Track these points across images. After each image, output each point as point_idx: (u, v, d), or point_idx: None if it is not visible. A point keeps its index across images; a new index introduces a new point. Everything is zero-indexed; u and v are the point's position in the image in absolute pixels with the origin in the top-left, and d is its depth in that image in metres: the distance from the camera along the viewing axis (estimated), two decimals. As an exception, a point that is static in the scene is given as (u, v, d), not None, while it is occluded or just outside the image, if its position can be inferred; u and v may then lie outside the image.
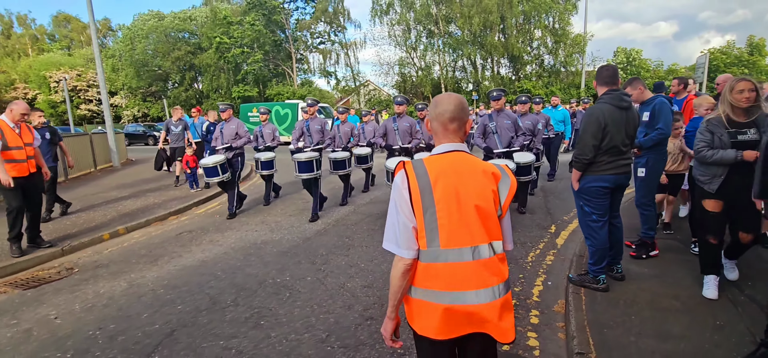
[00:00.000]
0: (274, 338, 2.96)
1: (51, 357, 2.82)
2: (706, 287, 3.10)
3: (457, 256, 1.43)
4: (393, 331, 1.61)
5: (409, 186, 1.45)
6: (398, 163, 1.55)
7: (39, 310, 3.56)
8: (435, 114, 1.54)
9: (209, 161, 6.21)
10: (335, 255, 4.60)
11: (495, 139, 5.53)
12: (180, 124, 9.13)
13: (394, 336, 1.63)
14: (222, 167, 6.22)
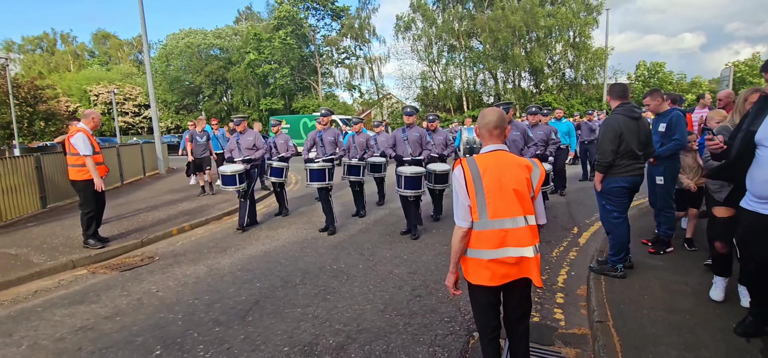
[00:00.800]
0: (341, 308, 3.59)
1: (166, 317, 3.52)
2: (714, 287, 3.25)
3: (500, 224, 2.03)
4: (454, 283, 2.20)
5: (464, 176, 2.07)
6: (456, 160, 2.18)
7: (141, 285, 4.31)
8: (483, 123, 2.17)
9: (227, 170, 6.21)
10: (380, 248, 5.24)
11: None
12: (204, 134, 9.37)
13: (455, 287, 2.22)
14: (240, 177, 6.22)
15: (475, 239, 2.07)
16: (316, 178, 6.07)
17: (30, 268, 4.81)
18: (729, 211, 3.07)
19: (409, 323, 3.28)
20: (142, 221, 7.07)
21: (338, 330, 3.20)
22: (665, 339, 2.77)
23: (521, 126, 5.43)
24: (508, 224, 2.03)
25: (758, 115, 2.46)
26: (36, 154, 7.79)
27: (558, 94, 28.02)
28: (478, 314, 2.22)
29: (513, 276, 2.07)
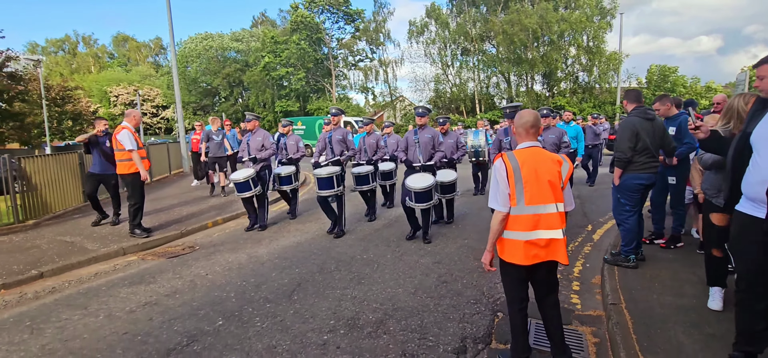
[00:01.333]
0: (376, 290, 3.97)
1: (220, 296, 3.94)
2: (712, 298, 3.23)
3: (534, 210, 2.39)
4: (490, 261, 2.55)
5: (505, 168, 2.42)
6: (497, 154, 2.54)
7: (191, 270, 4.75)
8: (520, 123, 2.53)
9: (240, 176, 6.17)
10: (405, 241, 5.61)
11: None
12: (220, 134, 9.38)
13: (491, 264, 2.57)
14: (253, 181, 6.22)
15: (512, 222, 2.41)
16: (325, 186, 5.83)
17: (87, 254, 5.30)
18: (725, 218, 3.00)
19: (439, 303, 3.64)
20: (176, 214, 7.55)
21: (376, 308, 3.57)
22: (673, 319, 3.09)
23: None
24: (541, 210, 2.37)
25: (754, 117, 2.44)
26: (79, 151, 8.35)
27: (571, 97, 28.09)
28: (509, 288, 2.57)
29: (541, 258, 2.40)
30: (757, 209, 2.30)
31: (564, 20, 26.16)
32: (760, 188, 2.25)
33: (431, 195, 5.31)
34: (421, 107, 5.94)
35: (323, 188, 5.85)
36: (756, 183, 2.29)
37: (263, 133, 6.62)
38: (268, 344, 3.01)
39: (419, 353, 2.88)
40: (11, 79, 11.21)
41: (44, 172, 7.25)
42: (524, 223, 2.38)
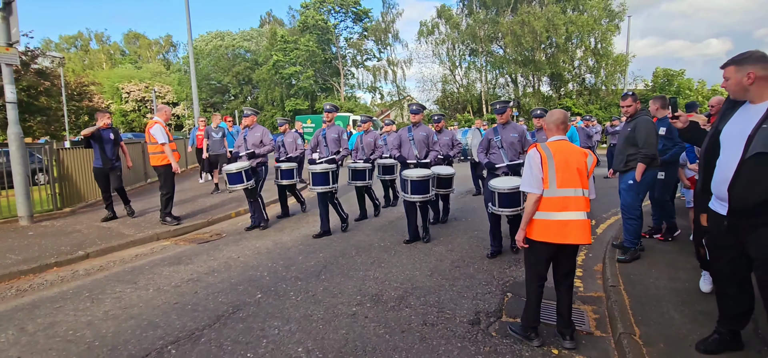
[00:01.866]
0: (395, 272, 4.35)
1: (254, 275, 4.35)
2: (703, 281, 3.54)
3: (565, 192, 2.72)
4: (523, 238, 2.84)
5: (540, 155, 2.76)
6: (531, 144, 2.88)
7: (223, 253, 5.16)
8: (551, 120, 2.87)
9: (233, 167, 5.95)
10: (419, 231, 5.98)
11: (500, 154, 4.93)
12: (220, 131, 9.22)
13: (523, 242, 2.87)
14: (246, 173, 6.00)
15: (544, 204, 2.72)
16: (320, 182, 5.73)
17: (125, 238, 5.73)
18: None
19: (454, 284, 4.02)
20: (200, 205, 7.98)
21: (397, 287, 3.95)
22: (666, 298, 3.44)
23: (520, 128, 5.04)
24: (570, 193, 2.71)
25: (724, 116, 2.47)
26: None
27: (577, 99, 28.29)
28: (533, 265, 2.88)
29: (567, 239, 2.70)
30: (722, 207, 2.36)
31: (572, 23, 26.37)
32: (722, 186, 2.30)
33: (428, 186, 5.23)
34: (415, 104, 5.82)
35: (318, 183, 5.72)
36: (720, 182, 2.34)
37: (262, 129, 6.40)
38: (304, 313, 3.40)
39: (438, 323, 3.26)
40: (39, 75, 11.75)
41: (77, 163, 7.71)
42: (555, 204, 2.70)
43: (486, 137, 5.15)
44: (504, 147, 4.92)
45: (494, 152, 4.99)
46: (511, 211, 4.43)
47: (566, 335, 2.89)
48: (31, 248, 5.21)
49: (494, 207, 4.46)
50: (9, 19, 5.74)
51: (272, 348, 2.89)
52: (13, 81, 6.16)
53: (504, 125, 4.97)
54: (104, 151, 6.52)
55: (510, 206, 4.42)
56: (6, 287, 4.17)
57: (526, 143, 4.94)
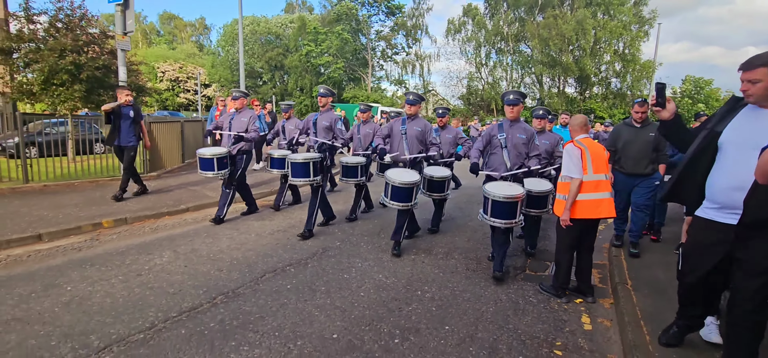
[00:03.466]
0: (438, 238, 5.43)
1: (288, 241, 5.49)
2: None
3: (597, 176, 3.66)
4: (568, 219, 3.71)
5: (579, 150, 3.70)
6: (567, 141, 3.79)
7: (294, 215, 6.33)
8: (576, 123, 3.81)
9: (206, 152, 5.39)
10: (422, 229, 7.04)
11: (503, 156, 4.18)
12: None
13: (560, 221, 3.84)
14: (219, 161, 5.40)
15: (584, 187, 3.58)
16: (300, 173, 5.05)
17: (210, 199, 6.95)
18: None
19: (486, 248, 5.07)
20: (252, 179, 9.21)
21: (444, 246, 5.04)
22: (656, 265, 4.42)
23: (530, 129, 4.30)
24: (602, 177, 3.62)
25: (724, 118, 2.34)
26: (181, 121, 10.13)
27: (602, 102, 28.64)
28: (567, 238, 3.70)
29: (600, 214, 3.59)
30: (727, 216, 2.22)
31: (601, 27, 26.67)
32: (734, 193, 2.15)
33: (411, 195, 4.49)
34: (412, 94, 4.97)
35: (297, 174, 5.07)
36: (725, 189, 2.20)
37: (251, 113, 5.85)
38: (376, 257, 4.53)
39: (479, 269, 4.34)
40: (111, 55, 13.22)
41: (160, 135, 9.04)
42: (590, 187, 3.58)
43: (487, 133, 4.34)
44: (508, 148, 4.15)
45: (494, 153, 4.26)
46: (504, 223, 3.85)
47: (588, 293, 3.79)
48: (144, 200, 6.49)
49: (485, 216, 3.92)
50: (125, 13, 7.00)
51: (361, 274, 4.03)
52: (125, 63, 7.43)
53: (512, 123, 4.19)
54: (120, 128, 6.42)
55: (504, 217, 3.84)
56: (140, 226, 5.44)
57: (532, 150, 4.25)
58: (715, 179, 2.30)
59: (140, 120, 6.71)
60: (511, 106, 4.12)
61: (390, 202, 4.50)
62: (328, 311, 3.24)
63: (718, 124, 2.34)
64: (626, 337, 2.99)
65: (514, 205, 3.81)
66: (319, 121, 5.48)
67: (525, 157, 4.21)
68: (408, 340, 2.88)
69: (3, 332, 2.72)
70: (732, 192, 2.17)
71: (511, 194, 3.79)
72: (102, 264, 3.99)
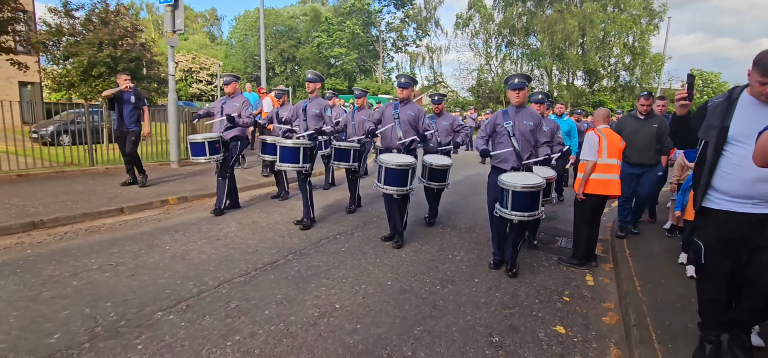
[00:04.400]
0: (461, 218, 6.17)
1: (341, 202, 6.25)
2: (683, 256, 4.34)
3: (609, 161, 4.34)
4: (582, 193, 4.44)
5: (597, 137, 4.36)
6: (588, 128, 4.49)
7: (329, 196, 7.10)
8: (600, 115, 4.49)
9: (197, 136, 5.31)
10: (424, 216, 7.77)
11: (512, 143, 3.90)
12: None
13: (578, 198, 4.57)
14: (211, 145, 5.27)
15: (597, 169, 4.27)
16: (289, 158, 4.87)
17: (250, 182, 7.75)
18: None
19: (489, 237, 5.79)
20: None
21: (465, 222, 5.78)
22: (653, 240, 5.12)
23: (537, 115, 4.03)
24: (613, 162, 4.28)
25: (727, 112, 2.35)
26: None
27: (611, 95, 29.01)
28: (584, 213, 4.37)
29: (604, 192, 4.27)
30: (753, 206, 2.25)
31: (611, 21, 26.97)
32: (758, 185, 2.19)
33: (407, 178, 4.33)
34: (404, 77, 4.73)
35: (285, 159, 4.88)
36: (752, 181, 2.21)
37: (243, 99, 5.65)
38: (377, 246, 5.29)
39: (498, 240, 5.07)
40: (142, 48, 14.03)
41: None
42: (603, 169, 4.25)
43: (492, 121, 4.09)
44: (516, 136, 3.88)
45: (501, 143, 3.99)
46: (527, 215, 3.58)
47: (592, 259, 4.48)
48: (196, 182, 7.29)
49: (504, 209, 3.63)
50: (175, 12, 7.75)
51: (376, 258, 4.80)
52: (173, 57, 8.20)
53: (518, 109, 3.92)
54: (122, 114, 6.39)
55: (525, 209, 3.57)
56: (200, 203, 6.24)
57: (541, 136, 3.99)
58: (734, 171, 2.27)
59: (142, 106, 6.63)
60: (516, 90, 3.84)
61: (384, 186, 4.32)
62: (380, 267, 4.01)
63: (724, 119, 2.34)
64: (621, 288, 3.72)
65: (535, 194, 3.56)
66: (309, 109, 5.29)
67: (534, 145, 3.97)
68: (447, 287, 3.64)
69: (134, 276, 3.52)
70: (755, 184, 2.20)
71: (532, 183, 3.55)
72: (184, 231, 4.80)
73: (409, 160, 4.33)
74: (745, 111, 2.28)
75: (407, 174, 4.32)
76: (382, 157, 4.34)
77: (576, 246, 4.52)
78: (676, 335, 2.83)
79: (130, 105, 6.42)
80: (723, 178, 2.33)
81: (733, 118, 2.31)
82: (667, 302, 3.36)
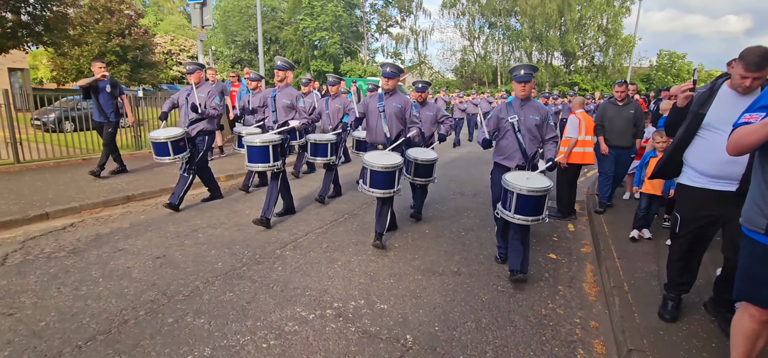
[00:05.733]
0: (471, 190, 7.32)
1: (379, 182, 7.31)
2: None
3: (587, 138, 5.45)
4: (566, 162, 5.70)
5: (577, 119, 5.47)
6: (571, 113, 5.71)
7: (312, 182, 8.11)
8: (576, 102, 5.68)
9: (160, 134, 4.83)
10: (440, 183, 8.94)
11: (517, 139, 3.59)
12: (216, 87, 7.77)
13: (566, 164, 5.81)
14: (175, 144, 4.87)
15: (578, 144, 5.42)
16: (258, 157, 4.49)
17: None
18: None
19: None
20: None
21: (471, 190, 6.93)
22: (618, 202, 6.39)
23: (543, 108, 3.68)
24: (589, 138, 5.39)
25: (710, 99, 2.58)
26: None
27: (586, 75, 30.70)
28: (567, 177, 5.54)
29: (582, 161, 5.42)
30: (723, 185, 2.53)
31: (587, 3, 28.38)
32: (729, 166, 2.45)
33: (394, 180, 3.97)
34: (389, 65, 4.24)
35: (254, 159, 4.50)
36: (723, 162, 2.44)
37: (209, 88, 5.17)
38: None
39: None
40: (146, 33, 14.36)
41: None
42: (582, 144, 5.38)
43: (495, 115, 3.78)
44: (521, 132, 3.58)
45: (505, 138, 3.68)
46: (531, 219, 3.30)
47: (572, 213, 5.71)
48: (215, 165, 8.16)
49: (507, 212, 3.34)
50: (203, 9, 8.43)
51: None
52: (203, 50, 8.89)
53: (523, 102, 3.60)
54: (99, 103, 6.20)
55: (529, 213, 3.29)
56: (224, 184, 7.16)
57: (547, 132, 3.62)
58: (709, 154, 2.56)
59: (119, 95, 6.43)
60: (522, 83, 3.46)
61: (369, 189, 3.94)
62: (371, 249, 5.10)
63: (702, 107, 2.60)
64: (594, 230, 4.96)
65: (541, 198, 3.26)
66: (279, 99, 4.85)
67: (541, 141, 3.63)
68: (471, 231, 4.78)
69: (207, 246, 4.50)
70: (727, 165, 2.46)
71: (539, 187, 3.21)
72: (219, 209, 5.75)
73: (395, 161, 3.94)
74: (723, 100, 2.54)
75: (394, 176, 3.95)
76: (367, 159, 3.94)
77: (559, 203, 5.77)
78: (631, 255, 4.06)
79: (106, 94, 6.20)
80: (700, 159, 2.63)
81: (712, 106, 2.56)
82: (625, 236, 4.60)
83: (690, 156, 2.69)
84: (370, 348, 2.57)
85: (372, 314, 2.95)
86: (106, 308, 2.90)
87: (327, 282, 3.42)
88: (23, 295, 3.05)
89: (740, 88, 2.43)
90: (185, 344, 2.53)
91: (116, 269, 3.51)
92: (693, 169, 2.68)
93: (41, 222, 4.69)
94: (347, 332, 2.72)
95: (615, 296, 3.26)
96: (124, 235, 4.35)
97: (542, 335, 2.82)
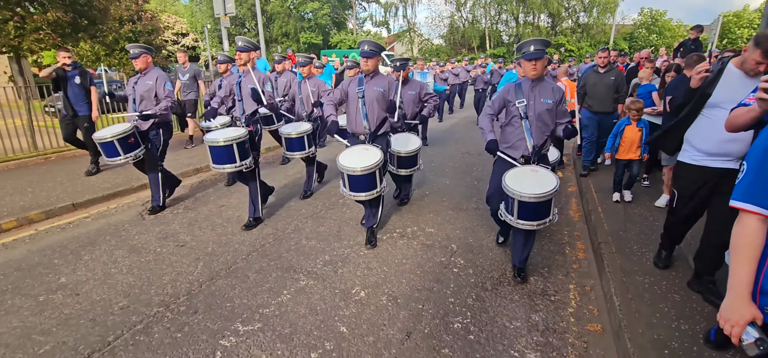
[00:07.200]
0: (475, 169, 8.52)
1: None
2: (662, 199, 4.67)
3: (571, 100, 6.68)
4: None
5: (564, 86, 6.58)
6: (557, 81, 6.85)
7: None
8: (561, 70, 6.78)
9: (106, 133, 4.20)
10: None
11: (523, 128, 3.11)
12: (189, 71, 7.61)
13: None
14: (123, 142, 4.24)
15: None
16: (222, 158, 3.91)
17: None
18: None
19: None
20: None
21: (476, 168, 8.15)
22: (603, 174, 7.63)
23: (559, 90, 3.19)
24: (572, 101, 6.34)
25: (716, 78, 2.61)
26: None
27: (571, 36, 31.69)
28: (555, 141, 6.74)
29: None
30: (722, 162, 2.60)
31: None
32: (728, 144, 2.53)
33: (375, 181, 3.56)
34: (367, 44, 3.67)
35: (219, 161, 3.92)
36: (723, 141, 2.53)
37: (157, 74, 4.56)
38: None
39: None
40: (152, 19, 14.80)
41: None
42: (570, 106, 6.45)
43: (501, 96, 3.27)
44: (529, 118, 3.11)
45: (514, 126, 3.21)
46: (536, 224, 2.89)
47: (561, 165, 6.96)
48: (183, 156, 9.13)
49: (509, 215, 2.97)
50: (225, -1, 9.20)
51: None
52: (228, 37, 9.72)
53: (535, 83, 3.12)
54: (67, 95, 5.61)
55: (535, 218, 2.88)
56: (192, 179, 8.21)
57: (560, 116, 3.18)
58: (712, 133, 2.61)
59: (90, 86, 5.78)
60: (533, 60, 2.99)
61: (352, 194, 3.56)
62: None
63: (708, 87, 2.63)
64: (581, 188, 6.23)
65: (547, 203, 2.86)
66: (244, 86, 4.19)
67: (553, 127, 3.16)
68: (482, 182, 6.00)
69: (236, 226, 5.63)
70: (726, 143, 2.54)
71: (542, 192, 2.79)
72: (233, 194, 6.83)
73: (374, 160, 3.47)
74: (729, 80, 2.56)
75: (375, 176, 3.52)
76: (344, 162, 3.48)
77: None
78: (612, 209, 5.12)
79: (75, 86, 5.63)
80: (702, 138, 2.68)
81: (718, 85, 2.58)
82: (606, 188, 5.72)
83: (692, 135, 2.77)
84: (430, 252, 3.79)
85: (424, 235, 4.20)
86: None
87: (386, 219, 4.59)
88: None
89: (752, 72, 2.45)
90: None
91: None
92: (694, 148, 2.74)
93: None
94: (411, 245, 3.94)
95: (591, 214, 4.59)
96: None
97: (543, 239, 4.12)
